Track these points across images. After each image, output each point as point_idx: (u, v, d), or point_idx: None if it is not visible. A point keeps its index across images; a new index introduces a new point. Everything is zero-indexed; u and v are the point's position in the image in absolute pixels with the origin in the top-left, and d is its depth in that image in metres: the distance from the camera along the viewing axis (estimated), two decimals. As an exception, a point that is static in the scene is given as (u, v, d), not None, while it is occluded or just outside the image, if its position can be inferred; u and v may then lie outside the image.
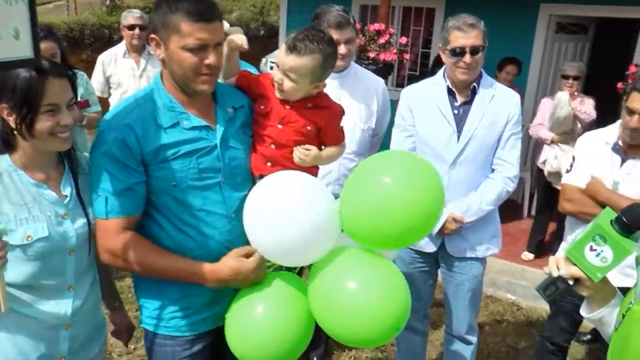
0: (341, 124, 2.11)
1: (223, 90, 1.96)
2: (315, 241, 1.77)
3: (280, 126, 1.96)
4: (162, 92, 1.82)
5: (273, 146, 1.96)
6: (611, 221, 1.41)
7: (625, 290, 1.52)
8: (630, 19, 6.17)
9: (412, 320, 3.04)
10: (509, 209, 4.20)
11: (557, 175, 4.87)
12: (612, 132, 2.76)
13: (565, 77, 4.96)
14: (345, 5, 2.91)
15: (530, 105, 6.33)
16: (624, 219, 1.39)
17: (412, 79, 5.07)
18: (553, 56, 6.70)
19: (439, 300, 3.72)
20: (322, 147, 2.06)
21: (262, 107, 1.97)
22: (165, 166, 1.77)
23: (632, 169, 2.65)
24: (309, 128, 1.98)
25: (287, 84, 1.91)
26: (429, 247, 2.82)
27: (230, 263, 1.79)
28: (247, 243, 1.85)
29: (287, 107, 1.97)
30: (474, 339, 3.00)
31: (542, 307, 4.36)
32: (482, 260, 2.87)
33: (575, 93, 4.97)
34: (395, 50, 5.42)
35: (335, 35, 2.65)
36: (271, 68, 2.02)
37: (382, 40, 5.35)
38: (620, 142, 2.70)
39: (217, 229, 1.86)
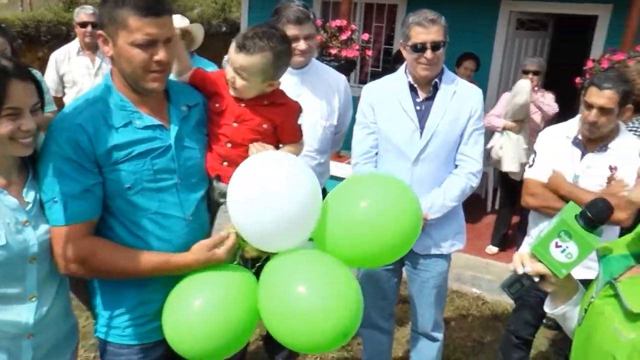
0: (299, 122, 2.06)
1: (176, 88, 1.89)
2: (302, 218, 1.74)
3: (235, 124, 1.91)
4: (113, 91, 1.75)
5: (229, 145, 1.90)
6: (575, 216, 1.40)
7: (586, 283, 1.51)
8: (587, 15, 6.31)
9: (377, 319, 3.03)
10: (473, 204, 4.22)
11: (500, 162, 4.99)
12: (573, 126, 2.80)
13: (526, 72, 5.05)
14: (306, 1, 2.85)
15: (492, 100, 6.39)
16: (589, 214, 1.37)
17: (375, 76, 5.04)
18: (514, 52, 6.81)
19: (404, 297, 3.70)
20: (280, 145, 2.01)
21: (217, 105, 1.92)
22: (118, 168, 1.70)
23: (591, 162, 2.69)
24: (265, 126, 1.93)
25: (239, 82, 1.86)
26: (393, 245, 2.79)
27: (201, 257, 1.75)
28: None
29: (242, 105, 1.92)
30: (440, 335, 3.00)
31: (507, 301, 4.41)
32: (446, 257, 2.86)
33: (536, 88, 5.04)
34: (357, 47, 5.41)
35: (294, 31, 2.60)
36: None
37: (343, 37, 5.33)
38: (580, 136, 2.74)
39: (174, 233, 1.80)
